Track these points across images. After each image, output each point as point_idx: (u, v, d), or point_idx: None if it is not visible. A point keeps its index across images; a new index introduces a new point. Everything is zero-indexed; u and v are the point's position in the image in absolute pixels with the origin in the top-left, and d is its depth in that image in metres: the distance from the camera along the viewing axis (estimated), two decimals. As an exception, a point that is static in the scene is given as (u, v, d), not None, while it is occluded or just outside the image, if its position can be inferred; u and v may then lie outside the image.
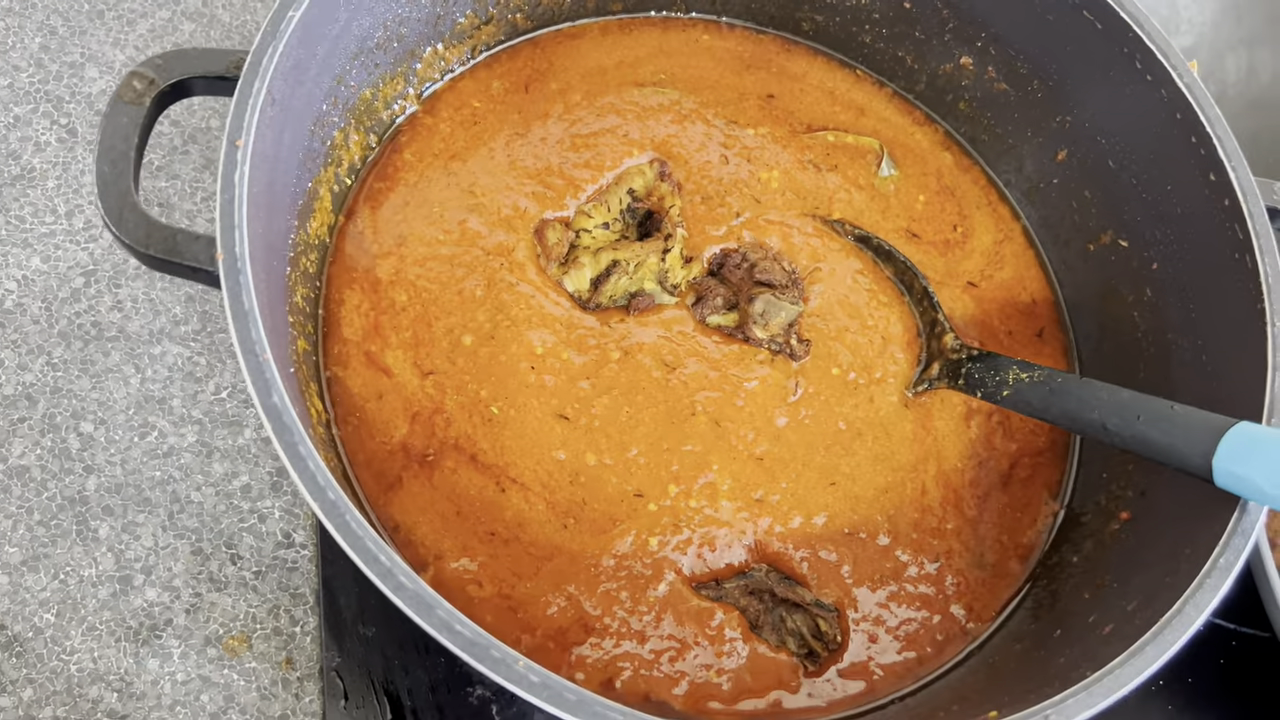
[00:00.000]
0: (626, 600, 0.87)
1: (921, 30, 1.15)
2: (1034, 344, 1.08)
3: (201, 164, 1.18)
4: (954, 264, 1.10)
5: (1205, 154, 0.94)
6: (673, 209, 1.02)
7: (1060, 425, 0.90)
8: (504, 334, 0.95)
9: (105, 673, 0.95)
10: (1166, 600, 0.77)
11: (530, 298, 0.97)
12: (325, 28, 0.89)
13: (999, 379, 0.95)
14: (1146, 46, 0.98)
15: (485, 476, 0.90)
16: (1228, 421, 0.77)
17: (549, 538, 0.89)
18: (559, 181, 1.03)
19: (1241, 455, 0.76)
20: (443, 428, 0.91)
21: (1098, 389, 0.88)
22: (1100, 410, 0.85)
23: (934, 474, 0.98)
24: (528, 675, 0.64)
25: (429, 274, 0.97)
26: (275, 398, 0.70)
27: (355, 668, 0.94)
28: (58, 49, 1.21)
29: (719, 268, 1.03)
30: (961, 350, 1.00)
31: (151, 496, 1.01)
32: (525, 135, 1.06)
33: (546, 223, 1.01)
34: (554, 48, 1.14)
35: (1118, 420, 0.84)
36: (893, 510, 0.96)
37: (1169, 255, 1.00)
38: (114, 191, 0.79)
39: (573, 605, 0.86)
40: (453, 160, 1.03)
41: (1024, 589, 0.97)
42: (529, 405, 0.92)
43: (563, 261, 0.99)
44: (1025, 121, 1.13)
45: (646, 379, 0.96)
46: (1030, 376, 0.93)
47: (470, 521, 0.88)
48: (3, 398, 1.03)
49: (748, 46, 1.19)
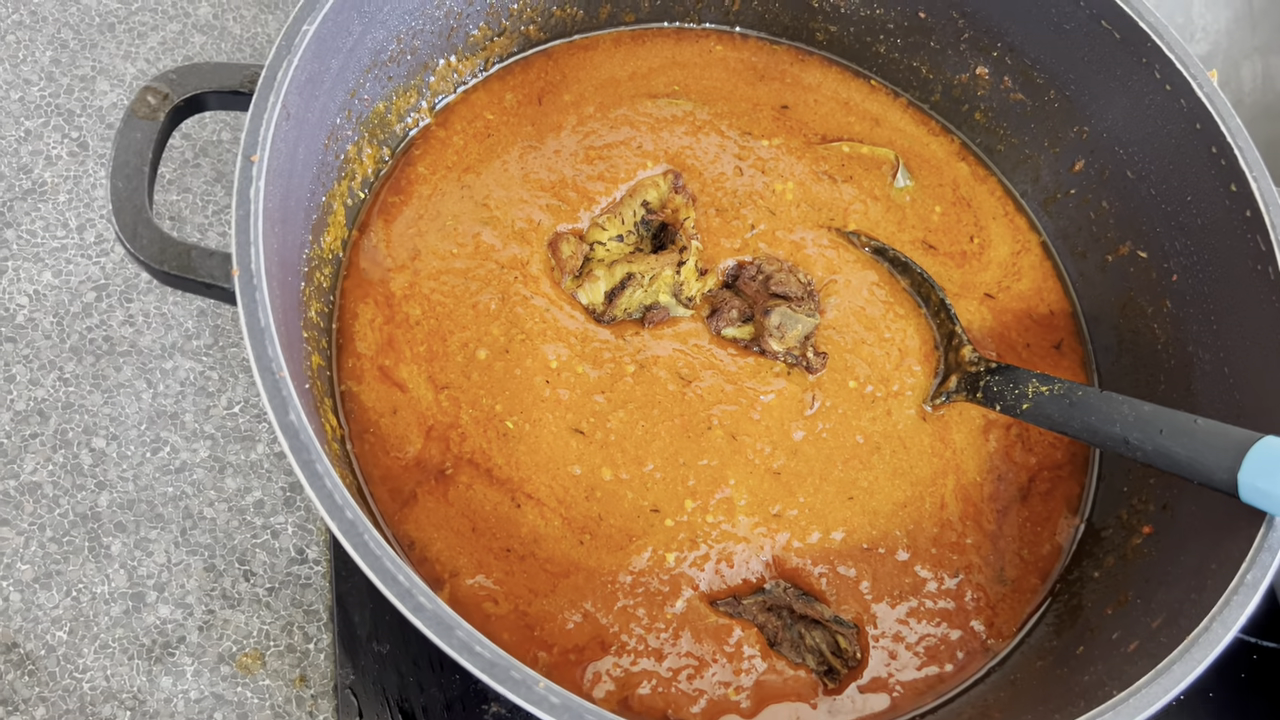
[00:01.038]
0: (644, 617, 0.87)
1: (936, 40, 1.15)
2: (1052, 356, 1.08)
3: (213, 177, 1.18)
4: (971, 275, 1.09)
5: (1226, 164, 0.94)
6: (687, 221, 1.02)
7: (1081, 439, 0.89)
8: (518, 348, 0.94)
9: (118, 691, 0.94)
10: (1193, 617, 0.76)
11: (544, 311, 0.96)
12: (339, 41, 0.88)
13: (1018, 392, 0.94)
14: (1165, 56, 0.97)
15: (500, 492, 0.89)
16: (1253, 436, 0.76)
17: (565, 554, 0.88)
18: (573, 194, 1.02)
19: (1268, 470, 0.74)
20: (458, 442, 0.90)
21: (1119, 402, 0.86)
22: (1122, 424, 0.84)
23: (953, 488, 0.98)
24: (548, 697, 0.63)
25: (443, 288, 0.96)
26: (292, 415, 0.69)
27: (369, 685, 0.94)
28: (69, 62, 1.21)
29: (734, 280, 1.02)
30: (979, 363, 0.99)
31: (164, 512, 1.01)
32: (539, 148, 1.05)
33: (560, 235, 1.00)
34: (567, 59, 1.13)
35: (1139, 435, 0.83)
36: (911, 525, 0.95)
37: (1189, 267, 1.00)
38: (128, 207, 0.78)
39: (589, 622, 0.86)
40: (466, 173, 1.03)
41: (1044, 604, 0.96)
42: (544, 420, 0.92)
43: (577, 274, 0.99)
44: (1042, 132, 1.12)
45: (662, 392, 0.95)
46: (1050, 390, 0.92)
47: (485, 538, 0.87)
48: (15, 413, 1.03)
49: (761, 57, 1.18)
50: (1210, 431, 0.79)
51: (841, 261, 1.05)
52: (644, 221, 1.04)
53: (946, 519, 0.96)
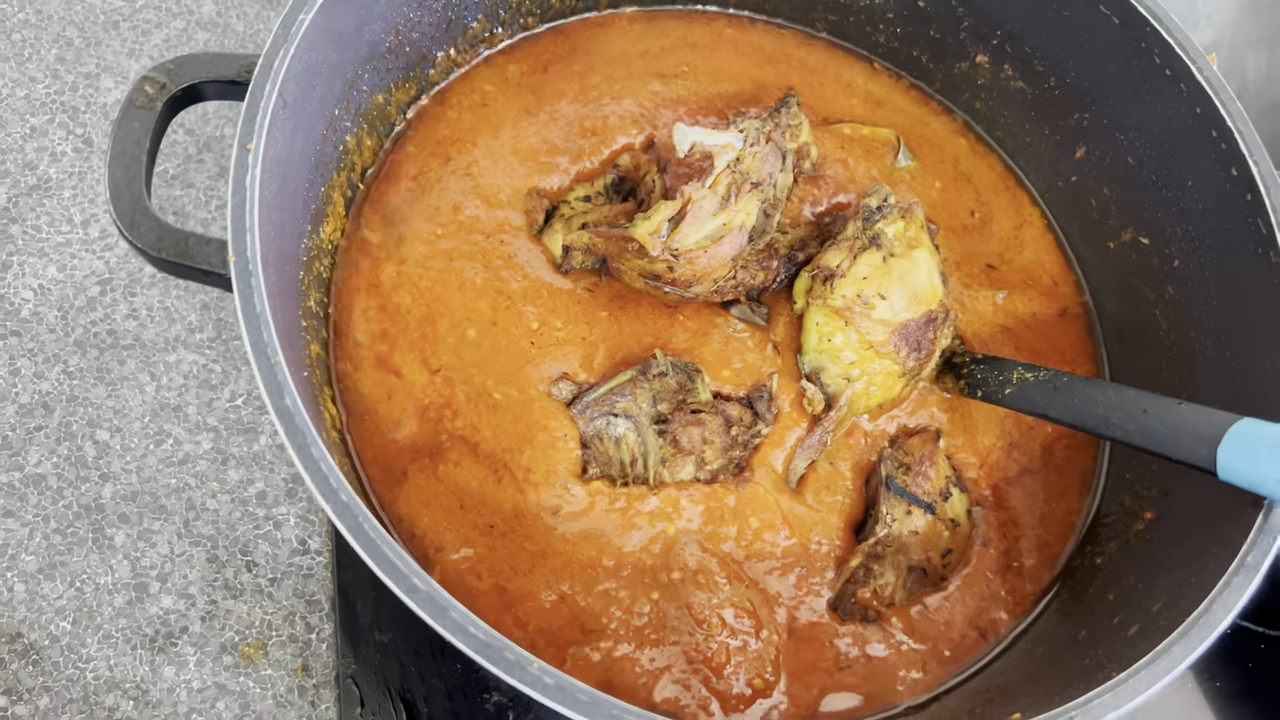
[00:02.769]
0: (625, 599, 0.86)
1: (936, 29, 1.14)
2: (1057, 324, 1.07)
3: (216, 172, 1.18)
4: (972, 247, 1.08)
5: (1226, 148, 0.93)
6: (648, 176, 1.00)
7: (1062, 422, 0.89)
8: (504, 316, 0.93)
9: (121, 680, 0.94)
10: (1192, 600, 0.75)
11: (526, 267, 0.96)
12: (336, 32, 0.88)
13: (1001, 379, 0.94)
14: (1165, 41, 0.97)
15: (485, 468, 0.88)
16: (1232, 417, 0.77)
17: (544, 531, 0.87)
18: (561, 159, 1.02)
19: (1245, 449, 0.75)
20: (450, 420, 0.90)
21: (1104, 387, 0.87)
22: (1105, 405, 0.85)
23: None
24: (541, 678, 0.63)
25: (430, 274, 0.95)
26: (288, 400, 0.69)
27: (371, 675, 0.94)
28: (73, 60, 1.22)
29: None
30: (964, 354, 0.99)
31: (167, 504, 1.01)
32: (534, 114, 1.04)
33: (531, 191, 1.00)
34: (579, 34, 1.13)
35: (1122, 414, 0.84)
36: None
37: (1190, 252, 0.99)
38: (126, 196, 0.79)
39: (566, 604, 0.85)
40: (454, 145, 1.02)
41: (1049, 591, 0.95)
42: (530, 382, 0.91)
43: (539, 230, 0.98)
44: (1042, 119, 1.12)
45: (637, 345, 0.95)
46: (1035, 376, 0.92)
47: (471, 514, 0.87)
48: (19, 406, 1.03)
49: (769, 40, 1.18)
50: (1192, 411, 0.80)
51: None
52: (615, 184, 1.03)
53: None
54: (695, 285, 0.91)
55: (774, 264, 0.97)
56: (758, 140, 0.94)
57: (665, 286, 0.92)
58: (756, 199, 0.91)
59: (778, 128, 0.97)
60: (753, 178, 0.92)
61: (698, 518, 0.89)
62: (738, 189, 0.90)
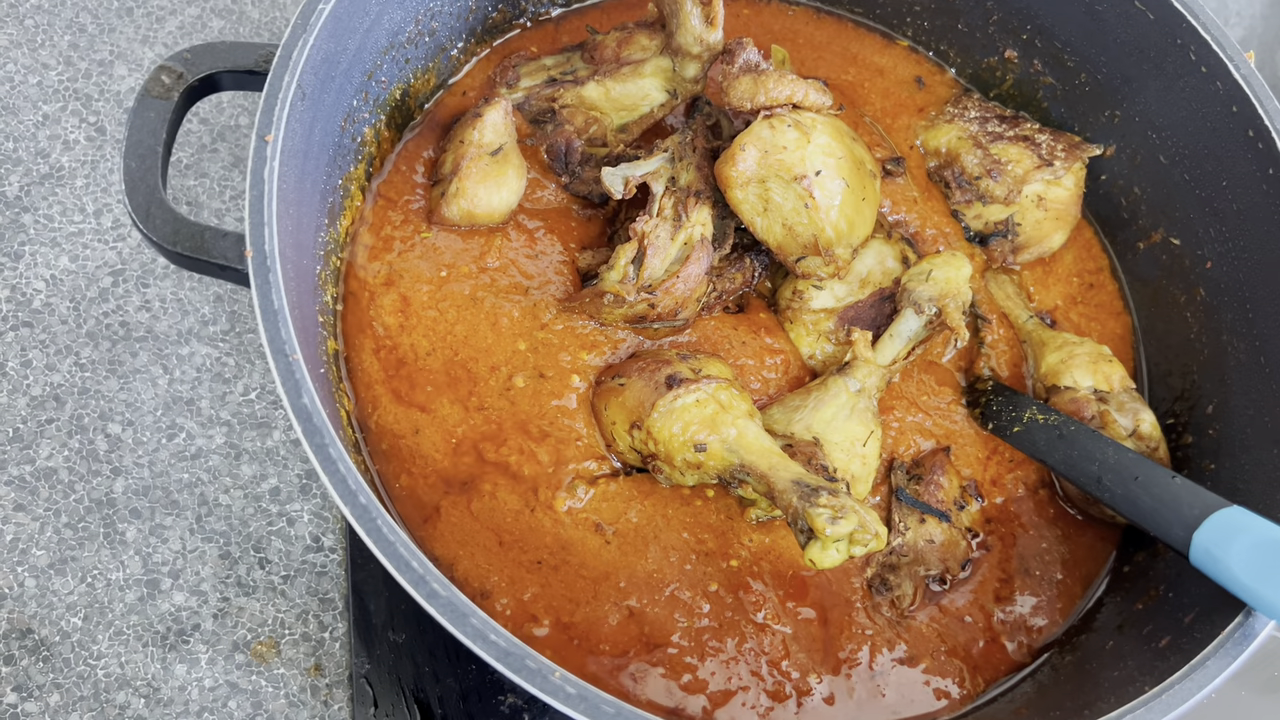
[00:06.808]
0: (688, 599, 0.84)
1: (965, 23, 1.12)
2: (1086, 294, 1.07)
3: (230, 162, 1.17)
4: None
5: (1264, 148, 0.91)
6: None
7: (1057, 470, 0.91)
8: (551, 371, 0.90)
9: (132, 678, 0.93)
10: (1227, 613, 0.74)
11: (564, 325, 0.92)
12: (356, 21, 0.87)
13: (1014, 415, 0.94)
14: (1201, 37, 0.95)
15: (519, 497, 0.86)
16: (1221, 502, 0.77)
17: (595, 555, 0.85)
18: None
19: (1224, 537, 0.75)
20: (492, 451, 0.87)
21: (1105, 444, 0.87)
22: (1100, 465, 0.86)
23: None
24: (564, 687, 0.62)
25: (447, 315, 0.92)
26: (305, 399, 0.68)
27: (385, 674, 0.92)
28: (87, 46, 1.20)
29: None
30: (988, 380, 0.98)
31: (179, 499, 1.00)
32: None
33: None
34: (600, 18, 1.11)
35: (1114, 477, 0.84)
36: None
37: (1224, 254, 0.97)
38: (141, 188, 0.77)
39: (635, 619, 0.83)
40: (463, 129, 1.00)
41: (1075, 601, 0.93)
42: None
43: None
44: (1072, 116, 1.10)
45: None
46: (1046, 419, 0.92)
47: (513, 551, 0.85)
48: (31, 399, 1.02)
49: (780, 21, 1.15)
50: (1182, 488, 0.80)
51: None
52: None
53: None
54: (681, 311, 0.90)
55: (746, 260, 0.96)
56: (684, 151, 0.93)
57: (654, 324, 0.91)
58: (706, 207, 0.90)
59: (699, 132, 0.95)
60: (694, 188, 0.90)
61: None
62: (683, 205, 0.89)
